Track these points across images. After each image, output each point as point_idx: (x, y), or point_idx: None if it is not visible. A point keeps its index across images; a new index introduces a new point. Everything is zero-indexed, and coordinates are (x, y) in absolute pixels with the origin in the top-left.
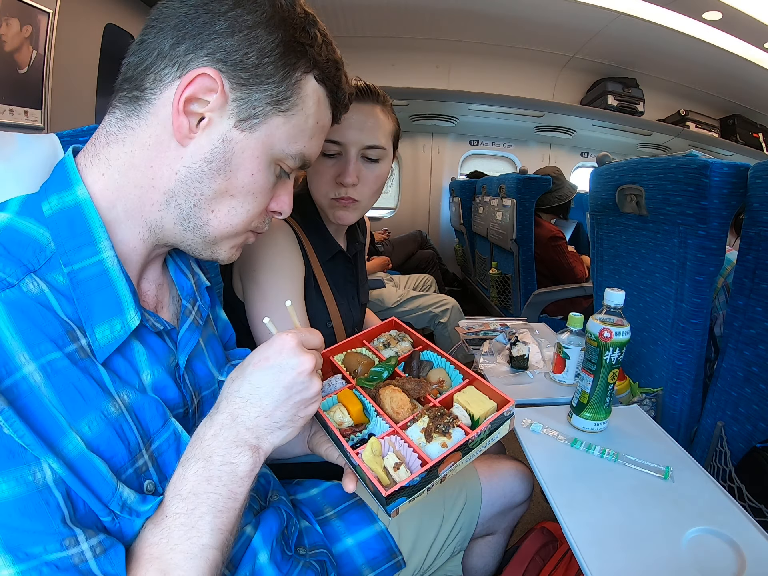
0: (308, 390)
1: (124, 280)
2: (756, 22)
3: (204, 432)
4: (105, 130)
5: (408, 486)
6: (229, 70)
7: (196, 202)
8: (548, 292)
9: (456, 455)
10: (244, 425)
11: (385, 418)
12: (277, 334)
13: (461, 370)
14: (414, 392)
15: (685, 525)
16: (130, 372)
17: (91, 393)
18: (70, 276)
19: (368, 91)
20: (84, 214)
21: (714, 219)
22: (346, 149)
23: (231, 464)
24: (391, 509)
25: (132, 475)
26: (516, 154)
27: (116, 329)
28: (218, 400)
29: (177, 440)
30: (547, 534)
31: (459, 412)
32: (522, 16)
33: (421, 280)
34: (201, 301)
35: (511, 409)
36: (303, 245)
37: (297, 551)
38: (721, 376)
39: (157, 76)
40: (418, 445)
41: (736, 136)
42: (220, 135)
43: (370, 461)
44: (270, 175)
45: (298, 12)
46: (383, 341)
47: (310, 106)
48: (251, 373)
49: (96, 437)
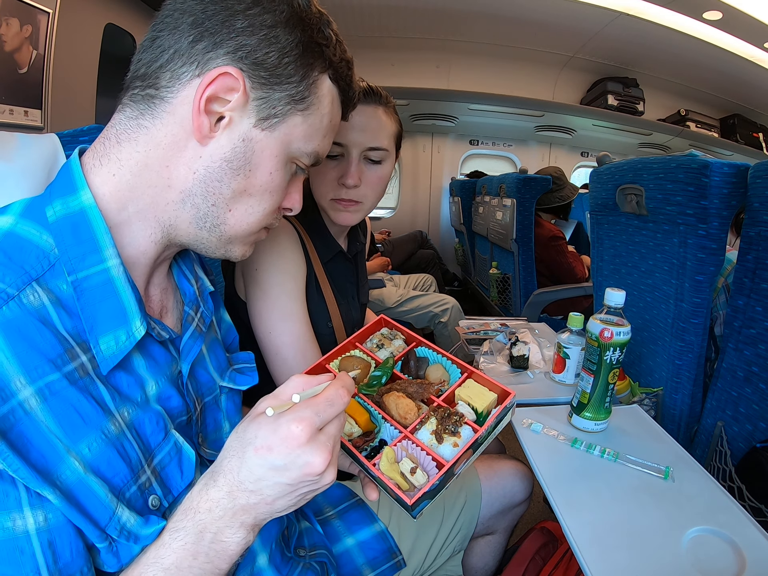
0: (317, 484)
1: (129, 288)
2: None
3: (198, 503)
4: (115, 129)
5: (429, 490)
6: (250, 70)
7: (215, 201)
8: (548, 291)
9: (468, 453)
10: (243, 507)
11: (393, 424)
12: (286, 417)
13: (458, 364)
14: (417, 395)
15: (686, 525)
16: (133, 385)
17: (90, 413)
18: (74, 285)
19: (371, 92)
20: (89, 221)
21: (714, 219)
22: (348, 151)
23: (222, 543)
24: (416, 513)
25: (136, 492)
26: (516, 153)
27: (121, 340)
28: (216, 468)
29: (178, 453)
30: (547, 534)
31: (463, 409)
32: (522, 16)
33: (421, 279)
34: (204, 307)
35: (513, 400)
36: (305, 245)
37: (297, 552)
38: (721, 376)
39: (174, 74)
40: (430, 447)
41: (736, 135)
42: (240, 134)
43: (387, 470)
44: (286, 174)
45: (314, 12)
46: (376, 342)
47: (325, 105)
48: (251, 458)
49: (96, 458)
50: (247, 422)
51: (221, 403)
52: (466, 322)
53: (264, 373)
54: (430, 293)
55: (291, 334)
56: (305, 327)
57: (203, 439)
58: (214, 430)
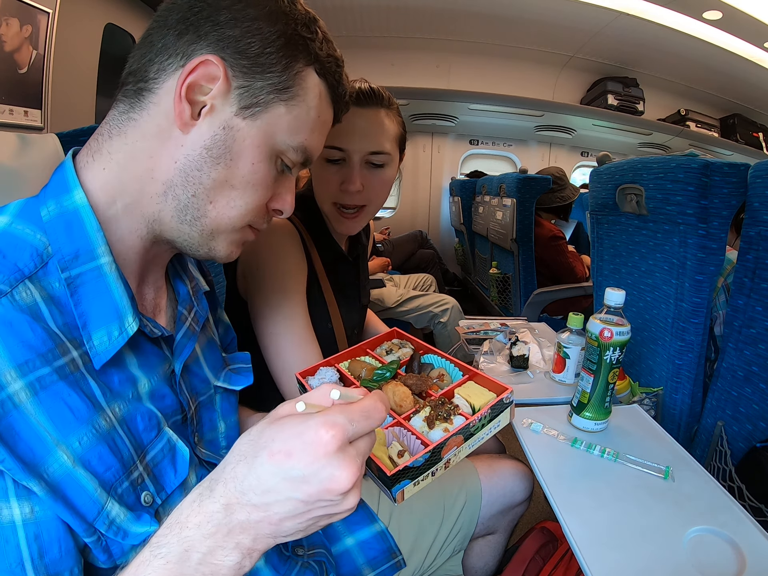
0: (337, 507)
1: (121, 285)
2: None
3: (187, 516)
4: (108, 125)
5: (412, 467)
6: (231, 58)
7: (195, 191)
8: (548, 291)
9: (458, 439)
10: (240, 524)
11: (389, 412)
12: (315, 419)
13: (462, 368)
14: (416, 387)
15: (686, 525)
16: (125, 382)
17: (81, 408)
18: (68, 281)
19: (372, 94)
20: (82, 219)
21: (714, 218)
22: (349, 156)
23: (212, 565)
24: (396, 491)
25: (128, 488)
26: (516, 153)
27: (114, 335)
28: (215, 476)
29: (172, 450)
30: (547, 534)
31: (460, 402)
32: (522, 15)
33: (421, 279)
34: (198, 306)
35: (510, 396)
36: (307, 247)
37: (295, 551)
38: (721, 376)
39: (161, 66)
40: (422, 432)
41: (736, 135)
42: (221, 122)
43: (375, 449)
44: (271, 168)
45: (299, 9)
46: (386, 348)
47: (312, 99)
48: (262, 464)
49: (87, 452)
50: (265, 423)
51: (216, 403)
52: (466, 322)
53: (261, 373)
54: (430, 293)
55: (292, 335)
56: (306, 328)
57: (199, 438)
58: (210, 429)
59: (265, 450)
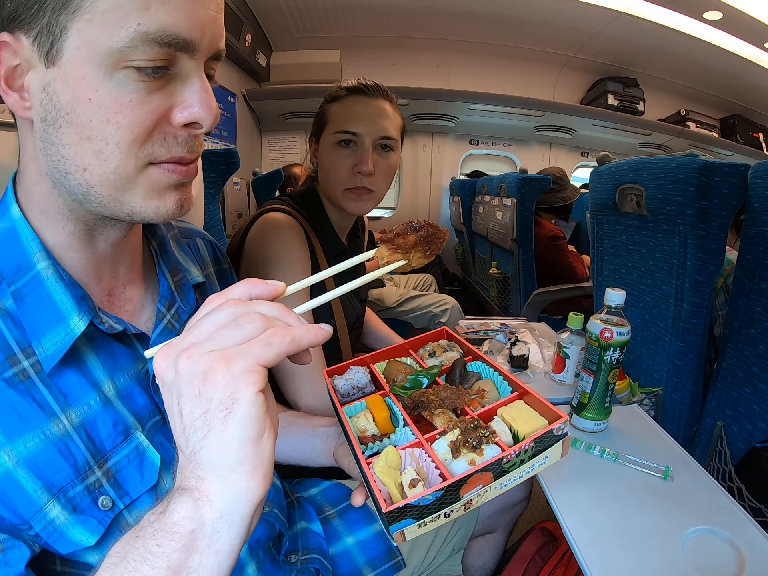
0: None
1: (62, 287)
2: (756, 22)
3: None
4: None
5: (417, 505)
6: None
7: (65, 169)
8: (548, 291)
9: (486, 476)
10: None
11: (413, 429)
12: None
13: (512, 383)
14: (449, 402)
15: (685, 525)
16: (85, 386)
17: (30, 414)
18: (14, 296)
19: (377, 87)
20: (18, 233)
21: (714, 219)
22: (361, 140)
23: (160, 514)
24: (394, 530)
25: (82, 491)
26: (516, 153)
27: (60, 337)
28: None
29: (139, 456)
30: (547, 534)
31: (498, 427)
32: (522, 15)
33: (420, 279)
34: (182, 302)
35: (563, 426)
36: (311, 242)
37: (288, 559)
38: (721, 376)
39: None
40: (443, 461)
41: (736, 135)
42: (39, 85)
43: (383, 473)
44: (117, 87)
45: None
46: (429, 350)
47: None
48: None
49: (34, 455)
50: None
51: None
52: (465, 322)
53: None
54: (430, 293)
55: None
56: None
57: None
58: None
59: None
